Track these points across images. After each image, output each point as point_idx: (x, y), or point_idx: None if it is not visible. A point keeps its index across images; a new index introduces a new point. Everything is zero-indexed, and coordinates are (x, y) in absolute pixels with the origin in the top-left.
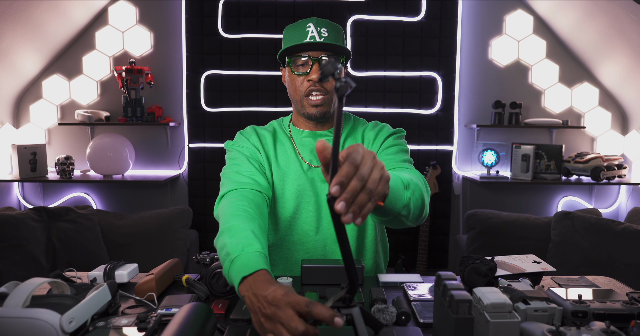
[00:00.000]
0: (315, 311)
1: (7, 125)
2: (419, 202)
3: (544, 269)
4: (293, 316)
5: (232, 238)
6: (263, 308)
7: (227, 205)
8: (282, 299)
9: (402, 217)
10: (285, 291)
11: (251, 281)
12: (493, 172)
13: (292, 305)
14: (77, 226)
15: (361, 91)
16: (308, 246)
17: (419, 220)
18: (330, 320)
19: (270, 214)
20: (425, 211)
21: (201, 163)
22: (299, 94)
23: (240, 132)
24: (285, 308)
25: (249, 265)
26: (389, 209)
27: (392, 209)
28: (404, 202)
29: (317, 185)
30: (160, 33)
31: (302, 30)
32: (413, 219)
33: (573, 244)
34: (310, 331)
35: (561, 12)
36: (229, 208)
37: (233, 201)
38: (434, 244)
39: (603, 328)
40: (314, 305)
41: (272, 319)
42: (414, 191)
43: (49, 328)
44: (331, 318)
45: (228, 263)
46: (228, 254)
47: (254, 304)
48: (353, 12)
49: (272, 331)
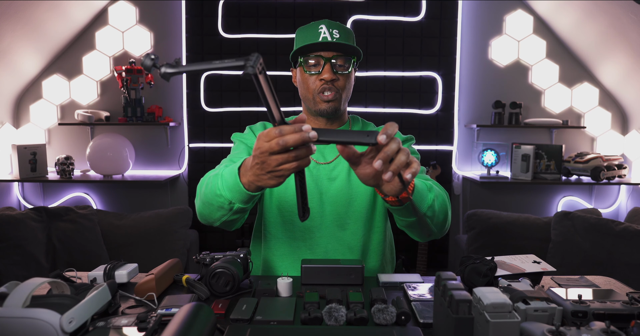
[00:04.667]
0: (284, 128)
1: (7, 125)
2: (443, 206)
3: (544, 270)
4: (264, 135)
5: (213, 173)
6: (255, 164)
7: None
8: (255, 144)
9: (428, 219)
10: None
11: (242, 165)
12: (493, 172)
13: (262, 136)
14: (77, 226)
15: (361, 91)
16: (311, 242)
17: (443, 228)
18: (298, 128)
19: (274, 210)
20: (449, 219)
21: (201, 163)
22: (311, 92)
23: (249, 126)
24: (259, 142)
25: (237, 164)
26: (415, 208)
27: (419, 209)
28: (429, 203)
29: (322, 183)
30: (160, 33)
31: (314, 31)
32: (438, 223)
33: (573, 244)
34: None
35: (561, 12)
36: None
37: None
38: (434, 244)
39: (603, 328)
40: (282, 126)
41: (260, 157)
42: (437, 195)
43: (49, 328)
44: (298, 127)
45: (218, 176)
46: (217, 175)
47: (253, 170)
48: (353, 12)
49: (264, 162)
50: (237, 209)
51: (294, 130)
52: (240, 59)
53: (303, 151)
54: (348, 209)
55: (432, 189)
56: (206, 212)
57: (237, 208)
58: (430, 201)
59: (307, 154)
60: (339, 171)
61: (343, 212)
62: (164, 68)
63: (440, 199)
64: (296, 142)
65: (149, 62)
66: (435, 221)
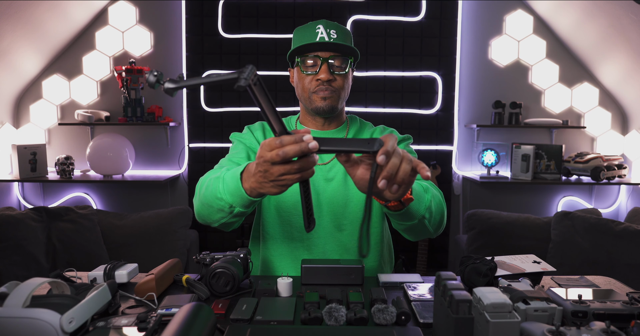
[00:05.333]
0: (285, 138)
1: (7, 125)
2: (439, 207)
3: (544, 269)
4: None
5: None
6: (258, 172)
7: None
8: (258, 152)
9: (425, 220)
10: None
11: (245, 171)
12: (493, 172)
13: (264, 145)
14: (77, 226)
15: (361, 91)
16: (309, 243)
17: (439, 228)
18: (299, 138)
19: (272, 210)
20: (444, 219)
21: (201, 163)
22: (306, 92)
23: (247, 126)
24: (262, 151)
25: (239, 169)
26: (414, 211)
27: (417, 212)
28: (426, 204)
29: (318, 184)
30: (160, 33)
31: (311, 31)
32: (434, 224)
33: (573, 244)
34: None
35: (561, 12)
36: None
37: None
38: (434, 244)
39: (603, 328)
40: (283, 136)
41: (263, 165)
42: (433, 195)
43: (49, 328)
44: (299, 137)
45: (220, 179)
46: (217, 178)
47: (256, 178)
48: (353, 12)
49: (267, 171)
50: (237, 213)
51: (294, 140)
52: (235, 72)
53: (305, 162)
54: (345, 210)
55: (428, 191)
56: (205, 213)
57: (238, 211)
58: (427, 202)
59: (310, 165)
60: (335, 172)
61: (340, 213)
62: (167, 84)
63: (437, 200)
64: (296, 154)
65: (152, 78)
66: (432, 222)
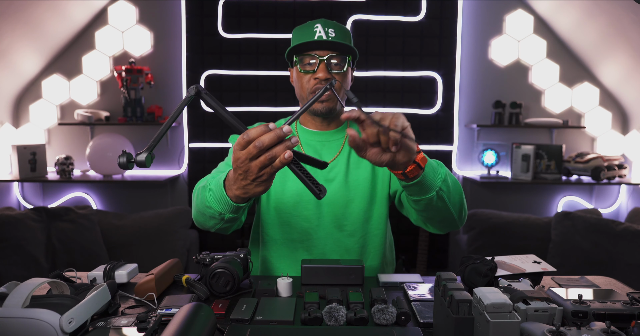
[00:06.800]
0: (251, 131)
1: (7, 125)
2: (456, 185)
3: (544, 270)
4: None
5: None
6: (238, 176)
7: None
8: (232, 158)
9: (443, 194)
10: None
11: (227, 179)
12: (493, 172)
13: (235, 147)
14: (77, 226)
15: (361, 90)
16: (308, 244)
17: (461, 212)
18: (266, 128)
19: (271, 211)
20: (464, 203)
21: (201, 163)
22: (305, 92)
23: (247, 128)
24: (236, 153)
25: (222, 177)
26: (429, 180)
27: (433, 182)
28: (442, 177)
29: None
30: (160, 33)
31: (310, 30)
32: (455, 204)
33: (573, 244)
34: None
35: (561, 12)
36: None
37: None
38: (434, 244)
39: (603, 328)
40: (246, 131)
41: (241, 167)
42: (448, 172)
43: (49, 328)
44: (266, 127)
45: (206, 188)
46: (204, 187)
47: (238, 183)
48: (353, 12)
49: (247, 170)
50: (229, 219)
51: (263, 131)
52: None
53: (279, 147)
54: (345, 210)
55: (442, 166)
56: (200, 220)
57: (228, 217)
58: (442, 175)
59: (285, 148)
60: (336, 173)
61: (340, 213)
62: (139, 157)
63: (453, 178)
64: (272, 141)
65: (123, 160)
66: (452, 201)
